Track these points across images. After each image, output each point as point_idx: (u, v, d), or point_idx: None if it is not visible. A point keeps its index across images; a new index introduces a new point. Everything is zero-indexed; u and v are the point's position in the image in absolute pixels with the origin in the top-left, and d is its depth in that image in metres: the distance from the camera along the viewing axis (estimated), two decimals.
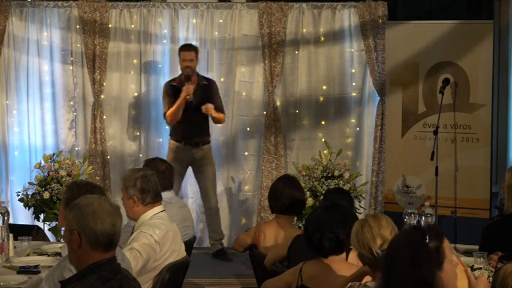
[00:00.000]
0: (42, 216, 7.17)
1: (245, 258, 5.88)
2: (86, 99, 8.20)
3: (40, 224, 7.13)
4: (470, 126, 7.62)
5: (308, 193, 7.02)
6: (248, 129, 8.28)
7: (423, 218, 4.88)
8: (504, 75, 8.38)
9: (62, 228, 4.50)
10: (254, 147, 8.29)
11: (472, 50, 7.60)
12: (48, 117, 8.23)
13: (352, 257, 4.02)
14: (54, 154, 7.45)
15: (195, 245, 5.88)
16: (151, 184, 4.55)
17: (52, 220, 7.11)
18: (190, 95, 7.29)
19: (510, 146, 8.29)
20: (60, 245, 4.90)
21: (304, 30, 8.23)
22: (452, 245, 2.77)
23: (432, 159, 7.30)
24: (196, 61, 7.47)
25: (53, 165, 7.26)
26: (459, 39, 7.67)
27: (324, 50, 8.25)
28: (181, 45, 7.68)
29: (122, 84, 8.24)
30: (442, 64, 7.71)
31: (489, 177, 7.61)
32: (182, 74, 7.47)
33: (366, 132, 8.32)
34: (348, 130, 8.31)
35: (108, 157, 8.16)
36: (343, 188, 6.56)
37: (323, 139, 7.92)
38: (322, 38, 8.24)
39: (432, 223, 4.86)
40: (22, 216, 7.85)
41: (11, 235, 4.88)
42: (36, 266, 4.51)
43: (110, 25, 8.14)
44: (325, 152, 7.38)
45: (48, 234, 7.06)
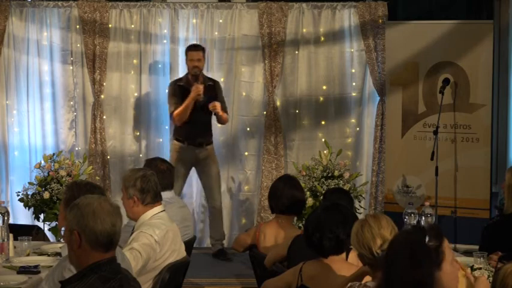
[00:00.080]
0: (42, 216, 7.17)
1: (245, 258, 5.87)
2: (86, 99, 8.21)
3: (40, 224, 7.13)
4: (470, 126, 7.62)
5: (308, 193, 7.02)
6: (248, 129, 8.28)
7: (423, 218, 4.88)
8: (504, 75, 8.38)
9: (62, 228, 4.50)
10: (254, 147, 8.29)
11: (472, 50, 7.61)
12: (48, 117, 8.23)
13: (352, 257, 4.02)
14: (54, 154, 7.45)
15: (195, 245, 5.88)
16: (151, 184, 4.55)
17: (52, 220, 7.11)
18: (201, 95, 7.29)
19: (510, 146, 8.29)
20: (60, 245, 4.90)
21: (304, 30, 8.23)
22: (452, 245, 2.76)
23: (432, 159, 7.30)
24: (203, 61, 7.48)
25: (53, 165, 7.26)
26: (459, 39, 7.67)
27: (324, 50, 8.25)
28: (188, 45, 7.69)
29: (122, 84, 8.24)
30: (442, 64, 7.71)
31: (489, 177, 7.61)
32: (189, 74, 7.47)
33: (366, 132, 8.32)
34: (348, 130, 8.31)
35: (108, 157, 8.16)
36: (343, 188, 6.56)
37: (323, 139, 7.92)
38: (322, 38, 8.24)
39: (432, 223, 4.86)
40: (22, 216, 7.85)
41: (11, 235, 4.88)
42: (36, 266, 4.51)
43: (110, 25, 8.14)
44: (325, 152, 7.38)
45: (48, 234, 7.06)
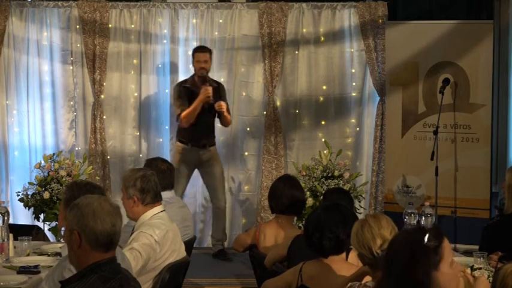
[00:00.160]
0: (42, 216, 7.17)
1: (245, 258, 5.88)
2: (86, 99, 8.20)
3: (40, 224, 7.13)
4: (470, 126, 7.62)
5: (308, 193, 7.03)
6: (248, 129, 8.28)
7: (423, 218, 4.87)
8: (504, 75, 8.38)
9: (62, 228, 4.50)
10: (254, 147, 8.29)
11: (472, 50, 7.60)
12: (48, 117, 8.23)
13: (352, 257, 4.02)
14: (54, 154, 7.45)
15: (195, 245, 5.87)
16: (151, 184, 4.55)
17: (52, 220, 7.11)
18: (210, 97, 7.28)
19: (510, 146, 8.29)
20: (60, 245, 4.90)
21: (304, 30, 8.22)
22: (452, 245, 2.75)
23: (432, 159, 7.29)
24: (210, 63, 7.47)
25: (53, 165, 7.26)
26: (459, 39, 7.67)
27: (324, 50, 8.25)
28: (195, 46, 7.70)
29: (122, 84, 8.24)
30: (442, 64, 7.71)
31: (489, 177, 7.61)
32: (195, 75, 7.46)
33: (366, 132, 8.32)
34: (348, 130, 8.31)
35: (108, 157, 8.16)
36: (343, 188, 6.56)
37: (323, 139, 7.92)
38: (322, 38, 8.24)
39: (432, 223, 4.86)
40: (22, 216, 7.85)
41: (11, 235, 4.88)
42: (36, 266, 4.51)
43: (110, 25, 8.14)
44: (325, 152, 7.38)
45: (48, 234, 7.06)
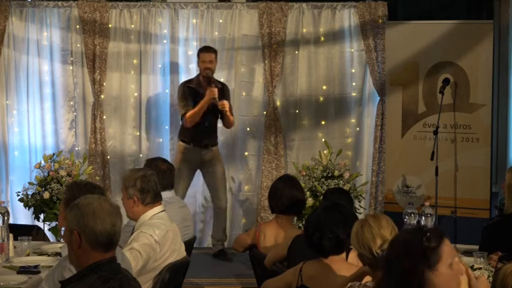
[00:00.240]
0: (42, 216, 7.17)
1: (245, 258, 5.88)
2: (86, 99, 8.20)
3: (40, 224, 7.13)
4: (470, 126, 7.62)
5: (308, 193, 7.03)
6: (248, 129, 8.28)
7: (423, 218, 4.87)
8: (504, 75, 8.37)
9: (62, 228, 4.50)
10: (254, 147, 8.29)
11: (472, 50, 7.60)
12: (48, 117, 8.23)
13: (352, 257, 4.02)
14: (54, 154, 7.45)
15: (195, 245, 5.87)
16: (151, 184, 4.55)
17: (52, 220, 7.11)
18: (215, 98, 7.28)
19: (510, 146, 8.29)
20: (60, 245, 4.90)
21: (304, 30, 8.22)
22: (452, 245, 2.73)
23: (432, 159, 7.29)
24: (215, 63, 7.47)
25: (53, 165, 7.26)
26: (459, 39, 7.66)
27: (324, 50, 8.25)
28: (201, 47, 7.71)
29: (122, 84, 8.24)
30: (442, 64, 7.71)
31: (489, 177, 7.60)
32: (200, 76, 7.47)
33: (366, 132, 8.32)
34: (348, 130, 8.31)
35: (108, 157, 8.16)
36: (343, 188, 6.56)
37: (323, 139, 7.92)
38: (322, 38, 8.24)
39: (432, 223, 4.86)
40: (22, 216, 7.85)
41: (11, 235, 4.88)
42: (36, 266, 4.51)
43: (110, 25, 8.14)
44: (325, 152, 7.38)
45: (48, 234, 7.06)
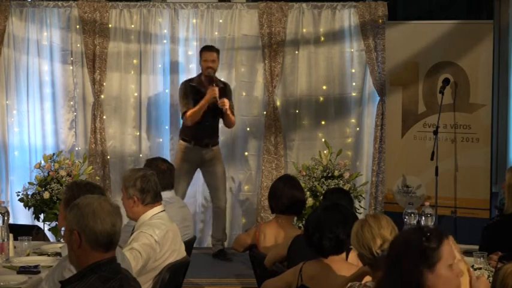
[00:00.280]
0: (42, 216, 7.17)
1: (245, 258, 5.88)
2: (86, 99, 8.20)
3: (40, 224, 7.13)
4: (470, 126, 7.62)
5: (308, 193, 7.02)
6: (248, 129, 8.28)
7: (423, 218, 4.87)
8: (504, 75, 8.37)
9: (62, 228, 4.50)
10: (254, 147, 8.29)
11: (472, 50, 7.60)
12: (48, 117, 8.23)
13: (352, 257, 4.02)
14: (54, 154, 7.45)
15: (195, 245, 5.88)
16: (151, 184, 4.55)
17: (52, 220, 7.11)
18: (216, 98, 7.27)
19: (510, 146, 8.29)
20: (60, 245, 4.90)
21: (304, 30, 8.22)
22: (456, 245, 2.72)
23: (432, 159, 7.29)
24: (217, 62, 7.46)
25: (53, 165, 7.26)
26: (459, 39, 7.66)
27: (324, 50, 8.25)
28: (203, 46, 7.70)
29: (122, 84, 8.24)
30: (442, 64, 7.71)
31: (489, 177, 7.60)
32: (202, 75, 7.46)
33: (366, 132, 8.31)
34: (348, 130, 8.31)
35: (108, 157, 8.16)
36: (343, 188, 6.56)
37: (323, 139, 7.92)
38: (322, 38, 8.24)
39: (432, 223, 4.86)
40: (22, 216, 7.85)
41: (11, 235, 4.88)
42: (36, 266, 4.51)
43: (110, 25, 8.14)
44: (325, 152, 7.38)
45: (48, 234, 7.06)
